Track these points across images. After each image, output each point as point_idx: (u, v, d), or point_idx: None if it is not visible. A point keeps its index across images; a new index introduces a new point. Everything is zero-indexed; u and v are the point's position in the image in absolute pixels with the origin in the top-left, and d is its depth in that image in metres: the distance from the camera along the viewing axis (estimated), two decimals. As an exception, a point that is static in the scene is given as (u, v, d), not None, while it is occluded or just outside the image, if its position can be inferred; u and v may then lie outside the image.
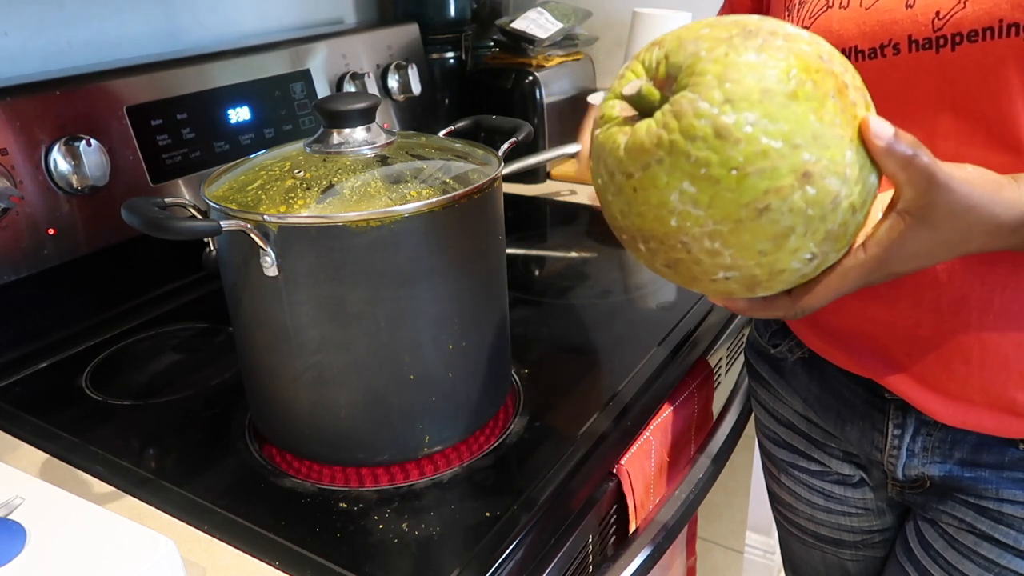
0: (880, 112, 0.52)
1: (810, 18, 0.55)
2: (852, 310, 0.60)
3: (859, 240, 0.43)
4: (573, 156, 1.24)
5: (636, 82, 0.41)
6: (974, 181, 0.42)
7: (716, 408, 0.90)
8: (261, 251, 0.56)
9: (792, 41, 0.39)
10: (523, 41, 1.30)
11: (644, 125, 0.41)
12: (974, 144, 0.49)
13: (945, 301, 0.54)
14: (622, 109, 0.43)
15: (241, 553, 0.56)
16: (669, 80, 0.41)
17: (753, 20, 0.41)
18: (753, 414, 0.83)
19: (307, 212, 0.56)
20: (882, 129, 0.40)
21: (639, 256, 0.46)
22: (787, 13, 0.58)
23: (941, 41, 0.48)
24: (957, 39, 0.47)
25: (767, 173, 0.38)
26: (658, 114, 0.40)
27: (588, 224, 1.20)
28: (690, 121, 0.38)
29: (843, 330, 0.62)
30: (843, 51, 0.53)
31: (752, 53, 0.38)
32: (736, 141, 0.38)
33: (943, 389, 0.57)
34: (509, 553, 0.55)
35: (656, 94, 0.41)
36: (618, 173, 0.42)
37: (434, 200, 0.57)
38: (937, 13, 0.48)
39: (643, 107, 0.41)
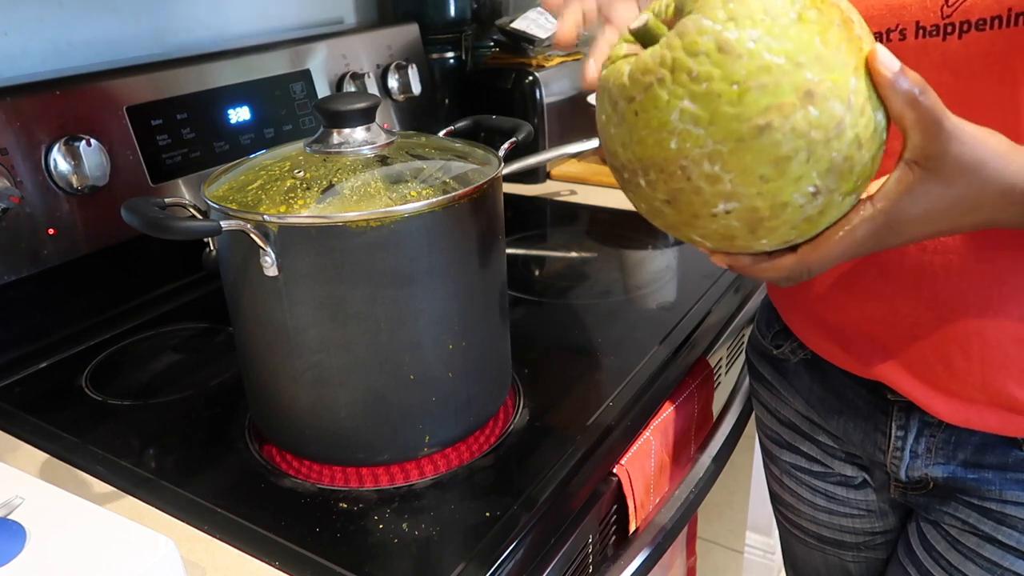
0: None
1: None
2: (851, 309, 0.60)
3: (866, 194, 0.42)
4: (573, 156, 1.24)
5: (644, 16, 0.41)
6: (985, 137, 0.41)
7: (716, 408, 0.90)
8: (261, 251, 0.56)
9: None
10: (523, 41, 1.30)
11: (648, 50, 0.41)
12: None
13: (943, 297, 0.54)
14: (629, 49, 0.44)
15: (241, 553, 0.56)
16: (677, 17, 0.41)
17: None
18: (754, 414, 0.83)
19: (307, 212, 0.56)
20: (889, 60, 0.39)
21: (639, 195, 0.45)
22: None
23: (949, 28, 0.47)
24: (965, 27, 0.47)
25: (769, 89, 0.37)
26: (663, 39, 0.41)
27: (588, 224, 1.20)
28: (693, 38, 0.38)
29: (843, 330, 0.62)
30: None
31: None
32: (739, 56, 0.37)
33: (945, 387, 0.56)
34: (509, 553, 0.55)
35: (663, 28, 0.41)
36: (620, 100, 0.42)
37: (434, 200, 0.57)
38: (947, 0, 0.47)
39: (650, 42, 0.42)
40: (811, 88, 0.38)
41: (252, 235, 0.55)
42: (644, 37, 0.42)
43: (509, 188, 1.33)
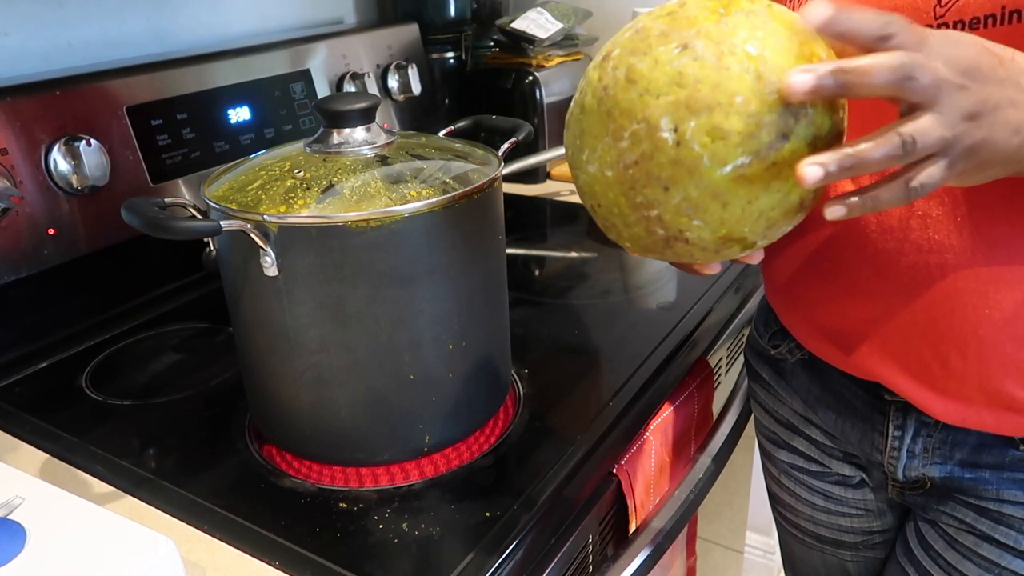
0: (872, 102, 0.51)
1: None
2: (847, 309, 0.60)
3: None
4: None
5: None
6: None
7: (716, 408, 0.90)
8: (261, 251, 0.56)
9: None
10: (523, 41, 1.30)
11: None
12: None
13: (939, 297, 0.54)
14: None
15: (241, 553, 0.56)
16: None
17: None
18: (753, 414, 0.83)
19: (307, 212, 0.56)
20: (800, 82, 0.37)
21: (620, 153, 0.45)
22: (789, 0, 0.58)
23: (942, 28, 0.47)
24: (959, 27, 0.47)
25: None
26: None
27: (588, 224, 1.20)
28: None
29: (840, 330, 0.62)
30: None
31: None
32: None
33: (942, 387, 0.57)
34: (509, 553, 0.55)
35: None
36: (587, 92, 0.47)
37: (434, 200, 0.57)
38: (939, 0, 0.47)
39: None
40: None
41: (252, 235, 0.55)
42: None
43: (509, 188, 1.34)
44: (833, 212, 0.40)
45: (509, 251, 1.08)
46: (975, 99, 0.38)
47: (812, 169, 0.38)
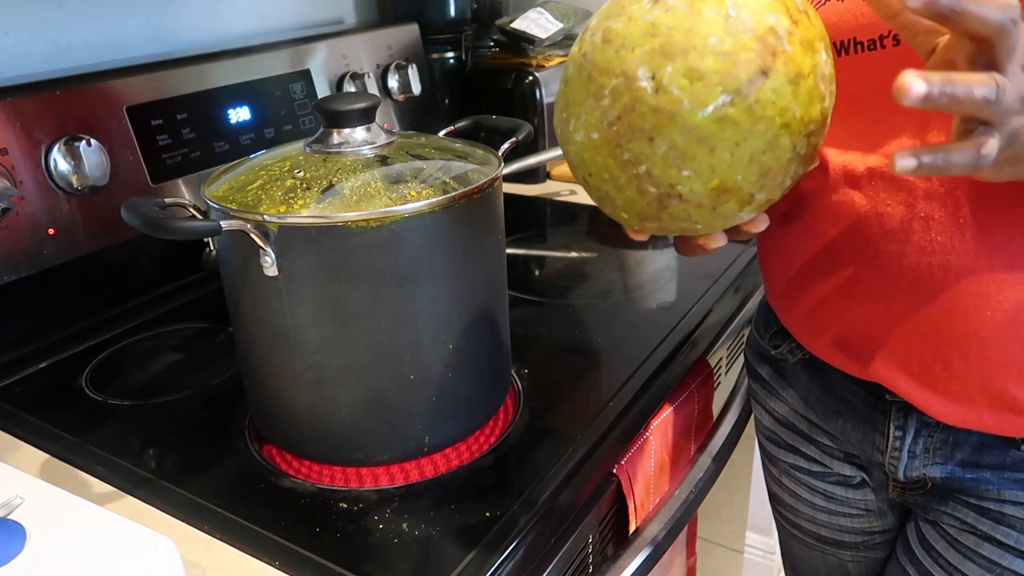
0: (876, 104, 0.52)
1: None
2: (848, 310, 0.60)
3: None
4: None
5: None
6: None
7: (716, 408, 0.90)
8: (261, 251, 0.56)
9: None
10: (523, 41, 1.30)
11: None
12: None
13: (941, 299, 0.54)
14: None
15: (241, 553, 0.56)
16: None
17: None
18: (753, 415, 0.83)
19: (307, 212, 0.56)
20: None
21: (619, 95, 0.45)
22: None
23: None
24: None
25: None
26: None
27: (588, 224, 1.20)
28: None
29: (840, 331, 0.62)
30: (841, 43, 0.53)
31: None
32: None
33: (943, 388, 0.56)
34: (509, 553, 0.55)
35: None
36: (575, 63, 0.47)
37: (434, 200, 0.57)
38: None
39: None
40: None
41: (252, 235, 0.55)
42: None
43: (509, 188, 1.34)
44: (903, 164, 0.38)
45: (509, 251, 1.08)
46: None
47: (916, 82, 0.35)
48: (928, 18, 0.36)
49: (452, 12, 1.35)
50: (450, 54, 1.37)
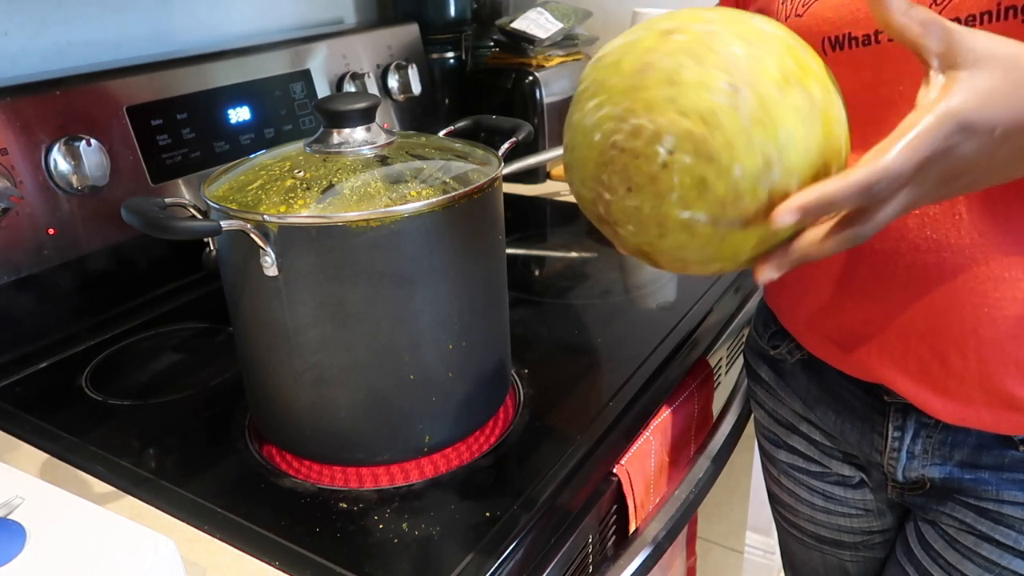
0: (871, 100, 0.52)
1: (803, 6, 0.55)
2: (846, 310, 0.60)
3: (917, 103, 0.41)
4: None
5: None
6: (1001, 38, 0.39)
7: (716, 408, 0.90)
8: (261, 251, 0.56)
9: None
10: (523, 41, 1.30)
11: (650, 120, 0.42)
12: None
13: (938, 297, 0.54)
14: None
15: (241, 553, 0.56)
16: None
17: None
18: (753, 415, 0.83)
19: (307, 212, 0.56)
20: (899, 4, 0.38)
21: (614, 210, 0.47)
22: (782, 2, 0.58)
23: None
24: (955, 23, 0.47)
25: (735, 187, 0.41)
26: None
27: (588, 224, 1.19)
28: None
29: (839, 331, 0.62)
30: (836, 38, 0.53)
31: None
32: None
33: (942, 387, 0.57)
34: (509, 553, 0.55)
35: None
36: (618, 155, 0.45)
37: (434, 200, 0.57)
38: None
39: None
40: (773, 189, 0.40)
41: (252, 235, 0.55)
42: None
43: (509, 188, 1.34)
44: (764, 277, 0.43)
45: (509, 251, 1.08)
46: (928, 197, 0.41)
47: (766, 269, 0.43)
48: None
49: (452, 12, 1.35)
50: (450, 54, 1.37)
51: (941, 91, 0.39)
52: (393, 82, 1.22)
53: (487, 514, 0.58)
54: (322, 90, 1.12)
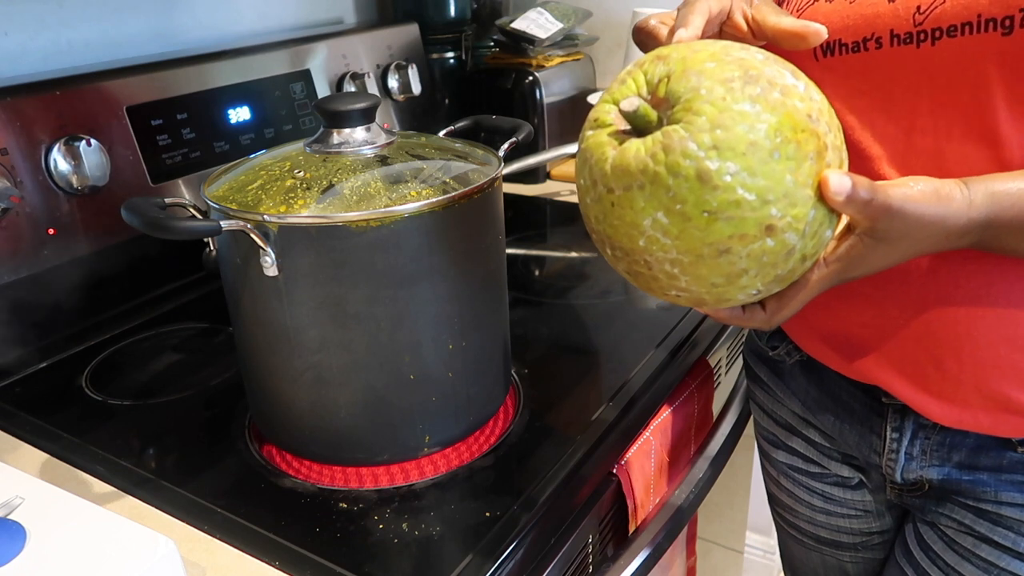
0: (861, 106, 0.53)
1: (798, 11, 0.55)
2: (842, 313, 0.60)
3: (821, 256, 0.45)
4: (573, 156, 1.24)
5: (634, 100, 0.42)
6: (927, 199, 0.43)
7: (716, 408, 0.90)
8: (261, 251, 0.56)
9: (788, 96, 0.41)
10: (523, 41, 1.30)
11: (633, 147, 0.42)
12: (952, 138, 0.50)
13: (932, 300, 0.54)
14: (616, 118, 0.44)
15: (241, 553, 0.56)
16: (666, 103, 0.42)
17: (757, 61, 0.42)
18: (752, 416, 0.83)
19: (307, 212, 0.56)
20: (840, 185, 0.41)
21: (604, 255, 0.50)
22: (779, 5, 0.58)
23: (922, 36, 0.48)
24: (937, 34, 0.48)
25: (735, 221, 0.40)
26: (648, 140, 0.41)
27: (588, 224, 1.19)
28: (676, 158, 0.40)
29: (836, 334, 0.62)
30: (827, 44, 0.53)
31: (747, 103, 0.40)
32: (715, 187, 0.40)
33: (937, 390, 0.57)
34: (509, 553, 0.55)
35: (653, 115, 0.42)
36: (600, 184, 0.44)
37: (434, 200, 0.57)
38: (918, 8, 0.48)
39: (637, 124, 0.42)
40: (773, 223, 0.40)
41: (252, 235, 0.55)
42: (632, 119, 0.42)
43: (509, 188, 1.34)
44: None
45: (509, 251, 1.08)
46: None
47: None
48: None
49: (452, 12, 1.35)
50: (450, 54, 1.37)
51: (847, 251, 0.45)
52: (393, 82, 1.22)
53: (487, 514, 0.58)
54: (322, 90, 1.12)
